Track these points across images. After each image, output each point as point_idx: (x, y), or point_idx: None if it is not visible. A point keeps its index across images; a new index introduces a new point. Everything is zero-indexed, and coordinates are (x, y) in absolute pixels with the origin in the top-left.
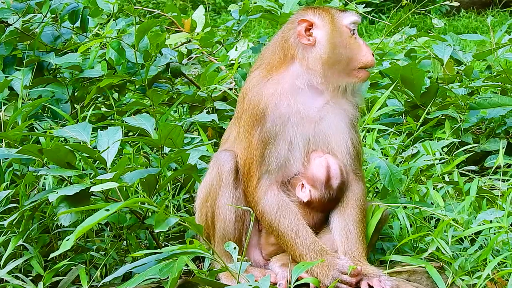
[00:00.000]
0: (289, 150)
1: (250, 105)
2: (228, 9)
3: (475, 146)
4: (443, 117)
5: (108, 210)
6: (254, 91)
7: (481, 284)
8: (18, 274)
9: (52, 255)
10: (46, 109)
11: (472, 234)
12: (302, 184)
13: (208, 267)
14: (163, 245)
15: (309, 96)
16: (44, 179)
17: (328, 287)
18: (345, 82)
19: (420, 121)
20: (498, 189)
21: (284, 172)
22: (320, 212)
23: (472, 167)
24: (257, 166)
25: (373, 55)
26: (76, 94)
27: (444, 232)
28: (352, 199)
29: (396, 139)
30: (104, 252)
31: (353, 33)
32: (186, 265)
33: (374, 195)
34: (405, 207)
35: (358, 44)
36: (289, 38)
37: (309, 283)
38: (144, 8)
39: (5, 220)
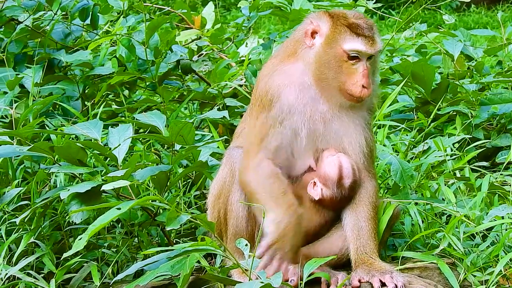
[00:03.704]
0: (293, 139)
1: (261, 94)
2: (238, 5)
3: (486, 142)
4: (454, 113)
5: (119, 208)
6: (264, 80)
7: (493, 280)
8: (30, 271)
9: (65, 255)
10: (57, 106)
11: (483, 230)
12: (314, 182)
13: (220, 263)
14: (174, 242)
15: (318, 94)
16: (56, 176)
17: (339, 283)
18: (337, 98)
19: (431, 117)
20: (510, 185)
21: (286, 162)
22: (332, 211)
23: (483, 163)
24: (257, 144)
25: (366, 87)
26: (86, 91)
27: (456, 228)
28: (364, 196)
29: (407, 135)
30: (115, 249)
31: (352, 60)
32: (198, 261)
33: (385, 191)
34: (416, 203)
35: (352, 71)
36: (300, 31)
37: (319, 280)
38: (154, 5)
39: (17, 217)
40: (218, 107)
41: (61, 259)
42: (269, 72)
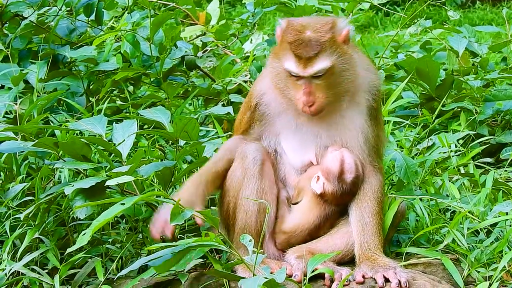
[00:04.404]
0: (271, 136)
1: (249, 96)
2: (243, 1)
3: (491, 138)
4: (459, 109)
5: (123, 204)
6: (255, 83)
7: (496, 276)
8: (34, 267)
9: (69, 250)
10: (62, 102)
11: (488, 226)
12: (318, 176)
13: (226, 259)
14: (178, 237)
15: None
16: (60, 172)
17: (342, 279)
18: (294, 107)
19: (436, 113)
20: None
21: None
22: (334, 205)
23: (488, 159)
24: (242, 130)
25: (307, 105)
26: (91, 87)
27: (460, 224)
28: (369, 191)
29: (411, 131)
30: (120, 245)
31: (294, 77)
32: (203, 257)
33: (389, 187)
34: (421, 199)
35: (297, 87)
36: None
37: (323, 276)
38: (159, 1)
39: (21, 213)
40: (222, 103)
41: (65, 254)
42: (260, 75)
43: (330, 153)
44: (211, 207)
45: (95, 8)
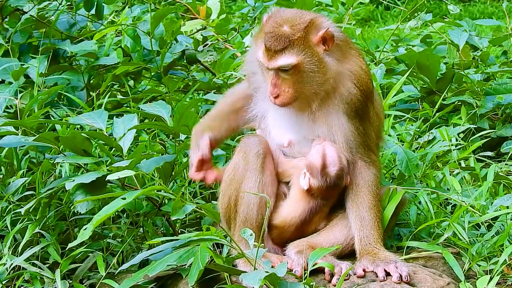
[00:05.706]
0: (263, 113)
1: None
2: None
3: (491, 132)
4: (459, 103)
5: (124, 198)
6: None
7: (497, 270)
8: (35, 262)
9: (70, 245)
10: (62, 96)
11: (488, 219)
12: (305, 172)
13: (227, 253)
14: (179, 232)
15: None
16: (61, 166)
17: (342, 273)
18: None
19: (436, 107)
20: None
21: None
22: (321, 199)
23: (489, 153)
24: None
25: (274, 96)
26: (91, 81)
27: (461, 217)
28: (363, 186)
29: (412, 125)
30: (121, 239)
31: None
32: None
33: (391, 181)
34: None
35: (268, 75)
36: None
37: (323, 271)
38: None
39: (22, 207)
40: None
41: (66, 249)
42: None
43: (313, 148)
44: (212, 201)
45: (95, 3)
